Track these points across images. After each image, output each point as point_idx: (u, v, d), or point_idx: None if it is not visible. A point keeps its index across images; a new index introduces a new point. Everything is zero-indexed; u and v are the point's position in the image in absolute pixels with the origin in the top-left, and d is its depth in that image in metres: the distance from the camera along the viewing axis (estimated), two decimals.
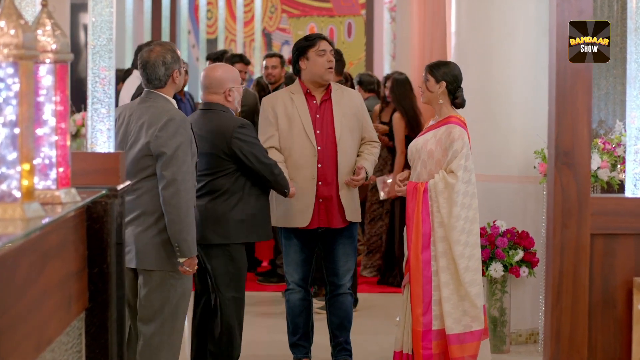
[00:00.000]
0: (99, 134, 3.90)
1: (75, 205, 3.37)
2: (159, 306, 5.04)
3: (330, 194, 6.09)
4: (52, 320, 3.29)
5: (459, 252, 5.54)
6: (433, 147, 5.67)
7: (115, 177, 3.81)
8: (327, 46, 6.13)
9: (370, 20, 15.86)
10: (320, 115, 6.14)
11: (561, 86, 3.90)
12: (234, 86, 5.69)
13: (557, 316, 3.92)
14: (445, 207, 5.56)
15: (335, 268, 6.22)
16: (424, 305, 5.57)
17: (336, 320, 6.32)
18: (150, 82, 5.10)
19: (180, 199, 4.91)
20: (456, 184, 5.53)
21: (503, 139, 7.17)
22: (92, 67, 3.87)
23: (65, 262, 3.45)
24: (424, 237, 5.58)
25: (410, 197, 5.65)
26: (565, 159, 3.90)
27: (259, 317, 8.06)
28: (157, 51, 5.08)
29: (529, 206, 7.19)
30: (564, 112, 3.89)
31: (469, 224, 5.58)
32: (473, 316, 5.57)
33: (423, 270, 5.57)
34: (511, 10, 7.16)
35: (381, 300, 8.73)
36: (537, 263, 6.87)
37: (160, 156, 4.93)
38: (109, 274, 3.78)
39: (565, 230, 3.94)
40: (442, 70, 5.74)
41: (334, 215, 6.11)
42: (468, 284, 5.54)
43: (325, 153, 6.09)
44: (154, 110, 5.05)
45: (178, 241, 4.94)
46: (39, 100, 3.29)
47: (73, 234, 3.56)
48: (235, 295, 5.66)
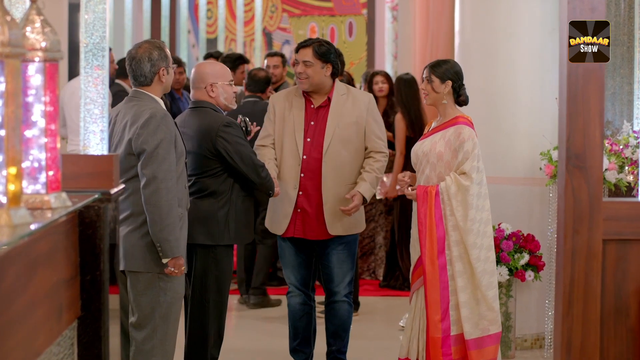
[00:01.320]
0: (92, 135, 3.75)
1: (65, 210, 3.23)
2: (150, 310, 4.93)
3: (310, 207, 5.91)
4: (42, 330, 3.17)
5: (476, 256, 5.43)
6: (442, 149, 5.53)
7: (109, 181, 3.67)
8: (300, 56, 5.91)
9: (372, 20, 15.76)
10: (315, 122, 5.95)
11: (572, 86, 3.75)
12: (217, 82, 5.54)
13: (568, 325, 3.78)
14: (459, 210, 5.44)
15: (330, 275, 6.07)
16: (442, 311, 5.47)
17: (331, 328, 6.19)
18: (135, 79, 5.02)
19: (160, 198, 4.80)
20: (471, 186, 5.42)
21: (508, 140, 7.05)
22: (84, 66, 3.73)
23: (55, 270, 3.33)
24: (439, 242, 5.47)
25: (421, 201, 5.52)
26: (577, 161, 3.76)
27: (259, 321, 7.95)
28: (144, 47, 5.00)
29: (535, 209, 7.09)
30: (575, 113, 3.75)
31: (483, 226, 5.48)
32: (490, 319, 5.47)
33: (440, 275, 5.46)
34: (516, 9, 7.05)
35: (383, 304, 8.62)
36: (543, 267, 6.76)
37: (141, 154, 4.84)
38: (102, 281, 3.66)
39: (576, 235, 3.80)
40: (444, 69, 5.59)
41: (311, 228, 5.93)
42: (485, 287, 5.45)
43: (310, 163, 5.90)
44: (137, 108, 4.95)
45: (160, 241, 4.85)
46: (28, 100, 3.16)
47: (64, 240, 3.43)
48: (216, 299, 5.53)
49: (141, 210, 4.87)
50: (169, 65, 5.02)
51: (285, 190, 5.90)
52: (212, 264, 5.49)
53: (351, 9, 16.01)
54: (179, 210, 4.93)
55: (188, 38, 15.75)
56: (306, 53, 5.90)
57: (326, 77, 5.93)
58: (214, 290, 5.51)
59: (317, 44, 5.92)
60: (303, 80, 5.90)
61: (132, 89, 5.06)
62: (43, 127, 3.18)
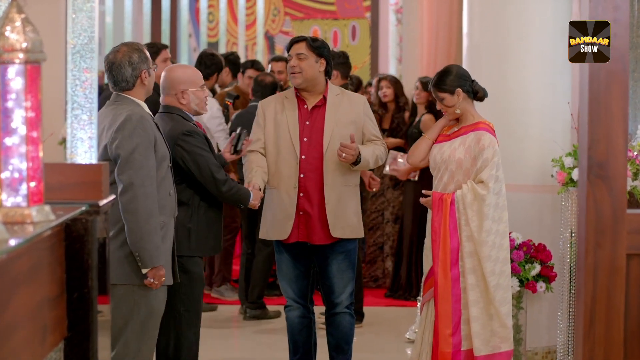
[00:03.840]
0: (80, 142, 3.51)
1: (48, 224, 2.99)
2: (123, 324, 4.71)
3: (312, 208, 5.70)
4: (24, 353, 2.94)
5: (490, 269, 5.26)
6: (462, 155, 5.36)
7: (97, 191, 3.43)
8: (293, 50, 5.75)
9: (376, 23, 15.61)
10: (311, 122, 5.75)
11: (594, 90, 3.51)
12: (188, 88, 5.32)
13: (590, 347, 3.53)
14: (475, 221, 5.27)
15: (331, 285, 5.86)
16: (453, 324, 5.29)
17: (333, 341, 6.00)
18: (116, 85, 4.82)
19: (138, 205, 4.61)
20: (487, 196, 5.24)
21: (518, 146, 6.87)
22: (71, 68, 3.48)
23: (39, 288, 3.09)
24: (452, 253, 5.29)
25: (436, 209, 5.34)
26: (599, 171, 3.52)
27: (258, 334, 7.77)
28: (122, 51, 4.80)
29: (545, 217, 6.92)
30: (597, 118, 3.50)
31: (499, 238, 5.31)
32: (502, 337, 5.31)
33: (452, 287, 5.28)
34: (526, 10, 6.89)
35: (389, 314, 8.42)
36: (555, 278, 6.60)
37: (117, 159, 4.65)
38: (91, 298, 3.42)
39: (598, 250, 3.55)
40: (448, 81, 5.43)
41: (315, 231, 5.71)
42: (499, 303, 5.28)
43: (309, 163, 5.69)
44: (117, 111, 4.75)
45: (138, 250, 4.66)
46: (7, 105, 2.92)
47: (49, 255, 3.20)
48: (185, 310, 5.31)
49: (118, 218, 4.66)
50: (150, 67, 4.81)
51: (285, 191, 5.69)
52: (181, 274, 5.24)
53: (354, 13, 15.89)
54: (161, 218, 4.73)
55: (189, 42, 15.69)
56: (300, 47, 5.75)
57: (320, 73, 5.76)
58: (183, 301, 5.30)
59: (311, 39, 5.80)
60: (296, 74, 5.73)
61: (113, 93, 4.83)
62: (24, 135, 2.94)
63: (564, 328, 6.60)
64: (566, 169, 6.45)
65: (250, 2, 15.82)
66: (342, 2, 15.89)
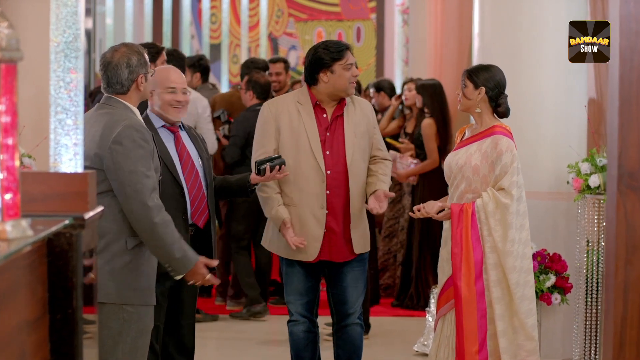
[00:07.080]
0: (64, 149, 3.22)
1: (25, 241, 2.71)
2: (112, 344, 4.42)
3: (338, 225, 5.41)
4: None
5: (515, 280, 5.03)
6: (478, 162, 5.11)
7: (83, 203, 3.15)
8: (353, 58, 5.42)
9: (381, 24, 15.41)
10: (331, 133, 5.42)
11: (625, 92, 3.22)
12: (154, 89, 4.96)
13: None
14: (498, 230, 5.04)
15: (344, 295, 5.57)
16: (480, 341, 5.04)
17: (343, 355, 5.70)
18: (110, 86, 4.51)
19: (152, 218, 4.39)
20: (510, 204, 5.00)
21: (531, 151, 6.66)
22: (55, 69, 3.19)
23: (16, 311, 2.82)
24: (476, 266, 5.05)
25: (456, 221, 5.08)
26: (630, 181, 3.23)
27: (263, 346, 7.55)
28: (122, 52, 4.50)
29: (560, 226, 6.72)
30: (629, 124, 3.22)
31: (522, 247, 5.08)
32: (529, 350, 5.05)
33: (477, 302, 5.03)
34: (540, 9, 6.73)
35: (396, 324, 8.19)
36: (571, 289, 6.38)
37: (118, 171, 4.38)
38: (76, 320, 3.14)
39: (629, 266, 3.27)
40: (482, 75, 5.21)
41: (340, 250, 5.44)
42: (524, 315, 5.04)
43: (334, 179, 5.38)
44: (110, 118, 4.45)
45: (167, 262, 4.48)
46: None
47: (28, 274, 2.92)
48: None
49: (105, 231, 4.37)
50: (148, 72, 4.52)
51: (310, 211, 5.36)
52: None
53: (359, 14, 15.70)
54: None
55: (191, 43, 15.51)
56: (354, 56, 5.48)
57: None
58: None
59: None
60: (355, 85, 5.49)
61: (104, 95, 4.54)
62: None
63: (579, 342, 6.44)
64: (583, 175, 6.27)
65: (253, 3, 15.62)
66: (346, 3, 15.70)
